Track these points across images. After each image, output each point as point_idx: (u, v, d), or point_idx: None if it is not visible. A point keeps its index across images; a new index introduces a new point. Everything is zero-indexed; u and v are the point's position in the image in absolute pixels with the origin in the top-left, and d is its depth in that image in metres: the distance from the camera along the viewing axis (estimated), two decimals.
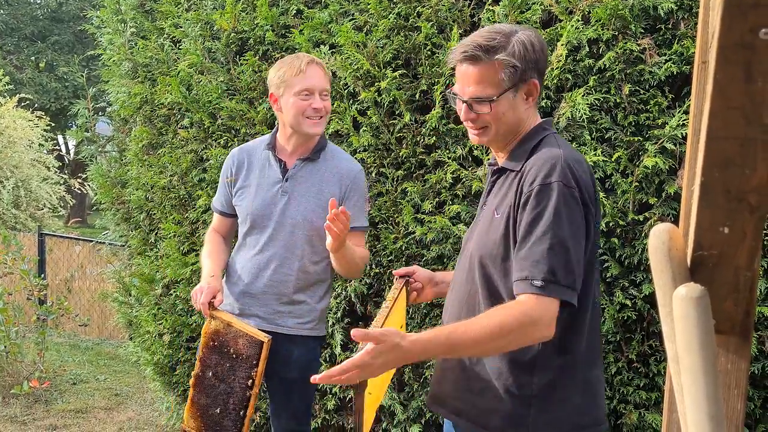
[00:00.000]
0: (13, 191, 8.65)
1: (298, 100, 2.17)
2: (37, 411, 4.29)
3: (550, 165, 1.41)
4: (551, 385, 1.47)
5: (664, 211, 2.14)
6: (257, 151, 2.32)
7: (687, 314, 0.70)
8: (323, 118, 2.21)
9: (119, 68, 3.60)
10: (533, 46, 1.47)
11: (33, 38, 17.07)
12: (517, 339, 1.37)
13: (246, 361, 2.08)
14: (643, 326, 2.23)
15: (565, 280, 1.36)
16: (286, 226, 2.21)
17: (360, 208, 2.25)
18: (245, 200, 2.28)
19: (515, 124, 1.52)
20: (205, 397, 2.15)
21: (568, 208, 1.38)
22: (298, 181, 2.24)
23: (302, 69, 2.17)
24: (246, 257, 2.28)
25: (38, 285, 4.99)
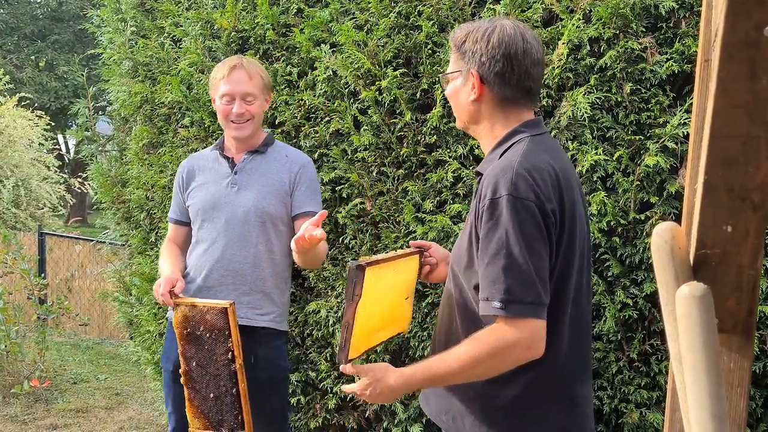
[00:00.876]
0: (13, 190, 8.65)
1: (222, 104, 2.24)
2: (38, 410, 4.29)
3: (499, 178, 1.36)
4: (522, 398, 1.43)
5: (666, 210, 2.14)
6: (206, 155, 2.40)
7: (690, 313, 0.70)
8: (249, 122, 2.25)
9: (119, 67, 3.60)
10: (486, 41, 1.45)
11: (33, 37, 17.06)
12: (497, 365, 1.37)
13: (220, 335, 2.07)
14: (644, 325, 2.23)
15: (526, 297, 1.31)
16: (238, 214, 2.24)
17: (311, 193, 2.31)
18: (196, 197, 2.32)
19: (468, 113, 1.53)
20: (198, 390, 2.14)
21: (521, 221, 1.32)
22: (248, 172, 2.29)
23: (225, 74, 2.23)
24: (200, 253, 2.29)
25: (38, 284, 4.99)
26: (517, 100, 1.49)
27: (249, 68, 2.26)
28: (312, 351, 2.93)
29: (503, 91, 1.47)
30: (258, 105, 2.27)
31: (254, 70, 2.27)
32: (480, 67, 1.46)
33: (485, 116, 1.51)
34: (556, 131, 2.26)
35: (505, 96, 1.48)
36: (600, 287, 2.21)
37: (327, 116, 2.76)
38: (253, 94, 2.24)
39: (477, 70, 1.46)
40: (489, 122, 1.51)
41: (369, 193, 2.69)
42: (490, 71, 1.45)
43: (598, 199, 2.15)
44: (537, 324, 1.33)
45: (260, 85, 2.27)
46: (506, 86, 1.46)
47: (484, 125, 1.52)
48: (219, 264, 2.23)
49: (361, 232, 2.73)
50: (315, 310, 2.83)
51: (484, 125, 1.53)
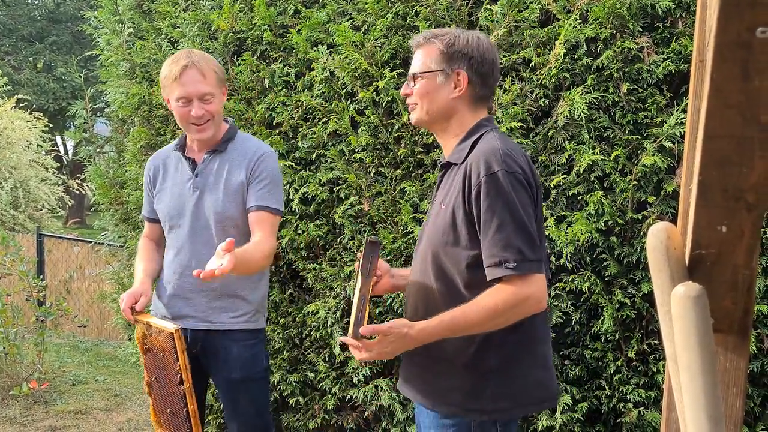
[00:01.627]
0: (11, 192, 8.64)
1: (179, 107, 2.14)
2: (37, 412, 4.28)
3: (491, 157, 1.52)
4: (509, 360, 1.57)
5: (663, 209, 2.14)
6: (170, 154, 2.33)
7: (685, 313, 0.70)
8: (210, 122, 2.16)
9: (117, 69, 3.60)
10: (473, 44, 1.62)
11: (31, 39, 17.05)
12: (510, 318, 1.51)
13: (170, 357, 2.09)
14: (642, 325, 2.23)
15: (533, 255, 1.49)
16: (200, 221, 2.21)
17: (266, 187, 2.17)
18: (162, 202, 2.29)
19: (444, 109, 1.65)
20: (159, 402, 2.19)
21: (516, 191, 1.51)
22: (207, 174, 2.22)
23: (176, 76, 2.10)
24: (169, 259, 2.28)
25: (37, 286, 4.99)
26: (486, 100, 1.68)
27: (201, 65, 2.12)
28: (310, 352, 2.93)
29: (482, 90, 1.66)
30: (216, 102, 2.16)
31: (206, 66, 2.14)
32: (469, 69, 1.63)
33: (459, 112, 1.66)
34: (553, 131, 2.26)
35: (482, 95, 1.66)
36: (598, 287, 2.21)
37: (324, 117, 2.76)
38: (210, 93, 2.13)
39: (466, 71, 1.62)
40: (459, 118, 1.66)
41: (367, 194, 2.69)
42: (476, 72, 1.63)
43: (596, 198, 2.16)
44: (542, 278, 1.52)
45: (215, 81, 2.15)
46: (485, 87, 1.66)
47: (455, 120, 1.67)
48: (187, 272, 2.19)
49: (359, 233, 2.73)
50: (313, 311, 2.83)
51: (454, 121, 1.67)
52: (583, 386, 2.30)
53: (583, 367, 2.28)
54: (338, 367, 2.86)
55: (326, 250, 2.84)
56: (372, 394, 2.72)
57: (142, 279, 2.25)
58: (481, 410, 1.57)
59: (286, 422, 3.04)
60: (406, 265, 2.62)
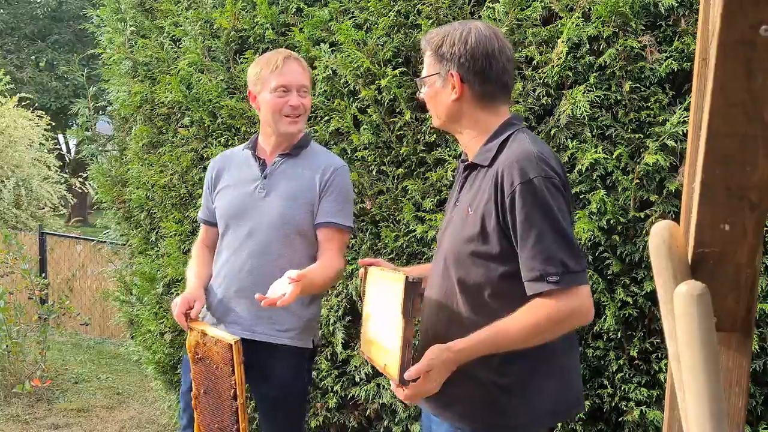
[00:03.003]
0: (14, 190, 8.65)
1: (275, 97, 2.09)
2: (39, 410, 4.29)
3: (525, 162, 1.44)
4: (530, 373, 1.51)
5: (665, 208, 2.14)
6: (237, 154, 2.26)
7: (688, 312, 0.70)
8: (302, 116, 2.13)
9: (119, 67, 3.60)
10: (460, 42, 1.54)
11: (33, 37, 17.07)
12: (556, 332, 1.45)
13: (225, 369, 1.98)
14: (644, 323, 2.23)
15: (577, 267, 1.41)
16: (263, 224, 2.11)
17: (338, 203, 2.13)
18: (223, 200, 2.20)
19: (450, 113, 1.60)
20: (206, 416, 2.07)
21: (554, 197, 1.43)
22: (277, 178, 2.15)
23: (278, 65, 2.08)
24: (222, 261, 2.18)
25: (39, 284, 5.00)
26: (495, 96, 1.58)
27: (301, 60, 2.15)
28: None
29: (484, 87, 1.56)
30: (309, 100, 2.16)
31: (305, 64, 2.16)
32: (459, 68, 1.55)
33: (467, 114, 1.59)
34: (556, 130, 2.26)
35: (485, 92, 1.57)
36: (600, 285, 2.21)
37: (327, 115, 2.76)
38: (308, 87, 2.14)
39: (457, 71, 1.55)
40: (471, 119, 1.59)
41: (369, 192, 2.69)
42: (469, 70, 1.55)
43: (598, 197, 2.15)
44: (587, 290, 1.44)
45: (310, 80, 2.18)
46: (486, 83, 1.56)
47: (466, 122, 1.60)
48: (239, 276, 2.12)
49: (361, 231, 2.73)
50: None
51: (466, 122, 1.60)
52: (585, 385, 2.30)
53: (585, 366, 2.28)
54: (340, 365, 2.86)
55: None
56: (374, 392, 2.73)
57: (195, 284, 2.16)
58: (500, 425, 1.53)
59: None
60: (407, 264, 2.62)
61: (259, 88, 2.13)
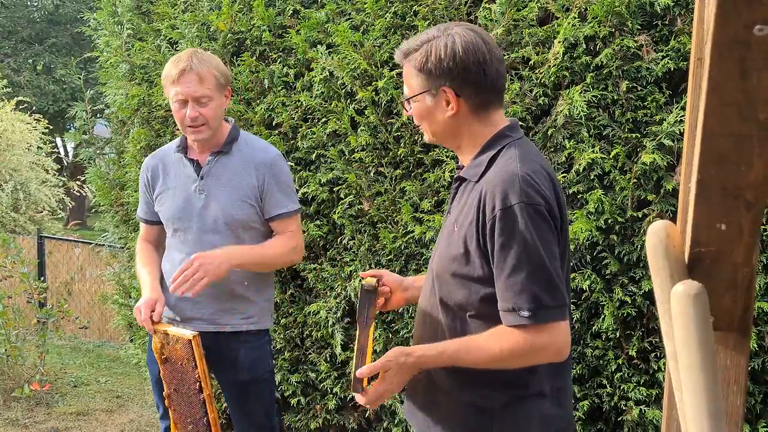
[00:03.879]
0: (12, 194, 8.64)
1: (176, 108, 2.14)
2: (39, 414, 4.29)
3: (507, 186, 1.35)
4: (516, 399, 1.46)
5: (663, 207, 2.14)
6: (170, 154, 2.29)
7: (685, 311, 0.70)
8: (204, 125, 2.14)
9: (116, 70, 3.60)
10: (448, 54, 1.42)
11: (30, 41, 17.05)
12: (522, 364, 1.40)
13: (188, 365, 2.06)
14: (642, 323, 2.23)
15: (552, 302, 1.34)
16: (208, 223, 2.18)
17: (283, 193, 2.21)
18: (165, 205, 2.25)
19: (446, 130, 1.49)
20: (179, 413, 2.15)
21: (537, 226, 1.34)
22: (213, 176, 2.20)
23: (174, 78, 2.10)
24: (176, 261, 2.22)
25: (38, 288, 4.99)
26: (491, 103, 1.48)
27: (199, 69, 2.09)
28: (311, 352, 2.93)
29: (479, 97, 1.46)
30: (213, 106, 2.13)
31: (205, 70, 2.11)
32: (452, 82, 1.43)
33: (464, 127, 1.49)
34: (553, 130, 2.26)
35: (481, 102, 1.46)
36: (598, 285, 2.21)
37: (324, 117, 2.76)
38: (206, 96, 2.11)
39: (450, 86, 1.43)
40: (468, 132, 1.49)
41: (367, 194, 2.69)
42: (464, 83, 1.43)
43: (596, 197, 2.16)
44: (563, 326, 1.36)
45: (214, 85, 2.13)
46: (481, 92, 1.45)
47: (464, 136, 1.50)
48: None
49: (360, 233, 2.73)
50: (314, 311, 2.83)
51: (463, 136, 1.50)
52: (584, 384, 2.30)
53: (584, 366, 2.28)
54: (339, 367, 2.86)
55: (327, 250, 2.84)
56: None
57: (152, 285, 2.20)
58: None
59: (288, 422, 3.04)
60: (406, 265, 2.62)
61: (166, 92, 2.20)
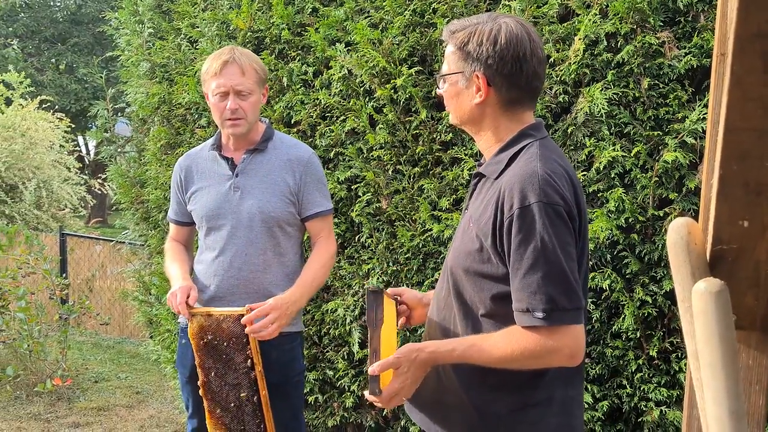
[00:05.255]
0: (35, 192, 8.76)
1: (216, 101, 2.14)
2: (60, 409, 4.35)
3: (526, 185, 1.33)
4: (523, 405, 1.43)
5: (685, 206, 2.11)
6: (203, 154, 2.29)
7: (706, 309, 0.69)
8: (242, 119, 2.14)
9: (137, 69, 3.64)
10: (489, 40, 1.39)
11: (53, 41, 17.28)
12: (534, 365, 1.38)
13: (237, 343, 2.03)
14: (663, 323, 2.21)
15: (569, 304, 1.32)
16: (243, 221, 2.17)
17: (319, 192, 2.23)
18: (198, 203, 2.24)
19: (470, 115, 1.47)
20: (217, 401, 2.11)
21: (555, 227, 1.31)
22: (249, 174, 2.19)
23: (216, 70, 2.11)
24: (208, 260, 2.22)
25: (60, 284, 5.06)
26: (522, 101, 1.45)
27: (242, 62, 2.12)
28: (329, 350, 2.94)
29: (510, 93, 1.43)
30: (253, 100, 2.15)
31: (247, 63, 2.14)
32: (487, 70, 1.40)
33: (489, 118, 1.46)
34: (573, 127, 2.24)
35: (512, 98, 1.44)
36: (618, 285, 2.19)
37: (342, 115, 2.76)
38: (247, 89, 2.13)
39: (483, 73, 1.41)
40: (492, 124, 1.47)
41: (385, 192, 2.69)
42: (497, 73, 1.40)
43: (616, 195, 2.14)
44: (578, 330, 1.34)
45: (255, 79, 2.15)
46: (514, 88, 1.42)
47: (487, 127, 1.48)
48: (229, 273, 2.18)
49: (378, 231, 2.73)
50: (332, 309, 2.84)
51: (486, 127, 1.48)
52: (604, 385, 2.28)
53: (603, 366, 2.26)
54: (357, 364, 2.86)
55: (344, 248, 2.84)
56: None
57: (183, 276, 2.20)
58: None
59: (306, 420, 3.05)
60: (424, 263, 2.62)
61: (205, 87, 2.19)
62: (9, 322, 4.58)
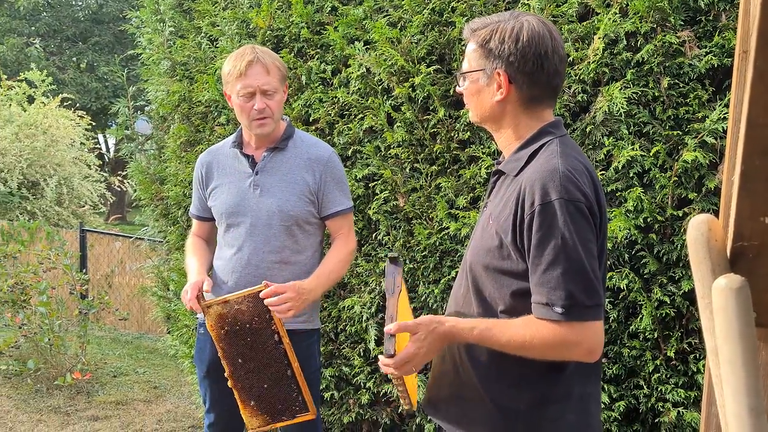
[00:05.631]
0: (56, 189, 8.88)
1: (241, 101, 2.15)
2: (80, 402, 4.40)
3: (547, 181, 1.34)
4: (542, 400, 1.42)
5: (704, 206, 2.10)
6: (224, 151, 2.31)
7: (726, 305, 0.69)
8: (269, 118, 2.16)
9: (158, 67, 3.67)
10: (511, 38, 1.41)
11: (75, 39, 17.48)
12: (551, 356, 1.38)
13: (261, 320, 2.03)
14: (682, 323, 2.19)
15: (588, 301, 1.32)
16: (262, 218, 2.18)
17: (340, 191, 2.24)
18: (218, 199, 2.26)
19: (491, 113, 1.48)
20: (249, 388, 2.09)
21: (576, 223, 1.32)
22: (269, 172, 2.21)
23: (242, 71, 2.12)
24: (226, 257, 2.24)
25: (80, 280, 5.12)
26: (542, 99, 1.46)
27: (265, 60, 2.14)
28: (345, 346, 2.95)
29: (531, 90, 1.44)
30: (278, 99, 2.18)
31: (270, 61, 2.16)
32: (508, 67, 1.42)
33: (509, 116, 1.47)
34: (591, 127, 2.24)
35: (533, 95, 1.45)
36: (636, 284, 2.18)
37: (360, 113, 2.77)
38: (272, 87, 2.15)
39: (505, 70, 1.42)
40: (512, 122, 1.48)
41: (402, 190, 2.70)
42: (519, 71, 1.42)
43: (635, 195, 2.13)
44: (597, 326, 1.34)
45: (278, 77, 2.17)
46: (535, 86, 1.43)
47: (507, 124, 1.49)
48: (247, 270, 2.20)
49: (394, 229, 2.74)
50: (349, 306, 2.85)
51: (506, 124, 1.49)
52: (621, 385, 2.27)
53: (620, 366, 2.26)
54: (373, 361, 2.87)
55: (361, 245, 2.85)
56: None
57: (198, 270, 2.22)
58: None
59: (322, 416, 3.07)
60: (440, 261, 2.62)
61: (228, 89, 2.20)
62: (30, 316, 4.64)
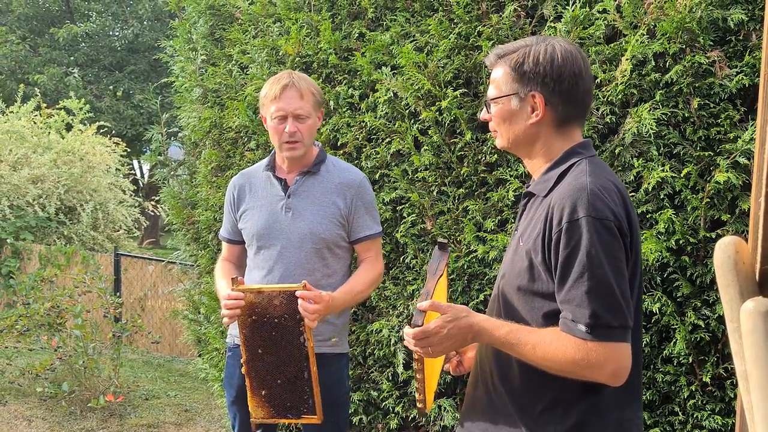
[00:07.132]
0: (91, 214, 9.06)
1: (274, 124, 2.20)
2: (112, 425, 4.45)
3: (575, 199, 1.33)
4: (579, 426, 1.39)
5: (738, 228, 2.06)
6: (257, 174, 2.34)
7: (755, 329, 0.68)
8: (299, 142, 2.19)
9: (190, 94, 3.75)
10: (546, 60, 1.42)
11: (111, 68, 17.95)
12: (573, 373, 1.34)
13: (290, 318, 2.04)
14: (717, 348, 2.14)
15: (614, 321, 1.29)
16: (293, 241, 2.21)
17: (370, 216, 2.28)
18: (250, 222, 2.28)
19: (525, 136, 1.48)
20: (262, 378, 2.09)
21: (603, 242, 1.30)
22: (301, 195, 2.24)
23: (276, 94, 2.17)
24: (256, 279, 2.25)
25: (114, 303, 5.20)
26: (575, 119, 1.48)
27: (300, 86, 2.19)
28: (374, 370, 2.94)
29: (567, 110, 1.45)
30: (310, 124, 2.21)
31: (305, 87, 2.20)
32: (543, 88, 1.43)
33: (543, 137, 1.48)
34: (621, 148, 2.22)
35: (567, 115, 1.45)
36: (669, 308, 2.14)
37: (388, 137, 2.79)
38: (305, 113, 2.19)
39: (540, 92, 1.43)
40: (545, 143, 1.48)
41: (429, 213, 2.70)
42: (554, 91, 1.43)
43: (666, 217, 2.10)
44: (624, 348, 1.31)
45: (312, 102, 2.21)
46: (570, 105, 1.44)
47: (540, 146, 1.49)
48: None
49: (422, 252, 2.74)
50: (377, 329, 2.85)
51: (539, 146, 1.49)
52: (655, 411, 2.22)
53: (654, 391, 2.21)
54: (402, 386, 2.85)
55: (390, 268, 2.85)
56: (435, 414, 2.71)
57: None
58: None
59: None
60: (468, 284, 2.61)
61: (264, 111, 2.26)
62: (66, 339, 4.72)
